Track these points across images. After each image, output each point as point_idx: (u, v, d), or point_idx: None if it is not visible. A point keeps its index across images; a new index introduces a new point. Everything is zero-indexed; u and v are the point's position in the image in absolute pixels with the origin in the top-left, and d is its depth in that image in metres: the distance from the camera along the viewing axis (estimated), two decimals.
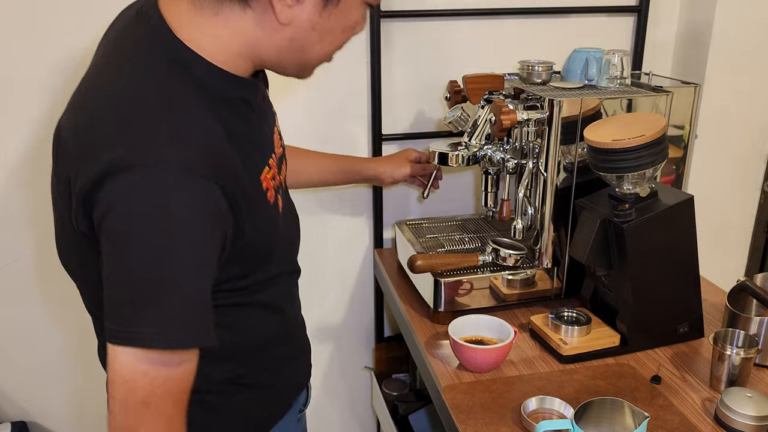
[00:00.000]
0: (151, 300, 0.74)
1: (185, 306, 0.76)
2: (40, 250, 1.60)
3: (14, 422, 1.69)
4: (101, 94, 0.79)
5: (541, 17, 1.65)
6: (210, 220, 0.76)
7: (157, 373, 0.76)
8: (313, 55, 0.89)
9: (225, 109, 0.82)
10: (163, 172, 0.72)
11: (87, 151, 0.75)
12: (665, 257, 1.21)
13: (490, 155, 1.37)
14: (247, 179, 0.83)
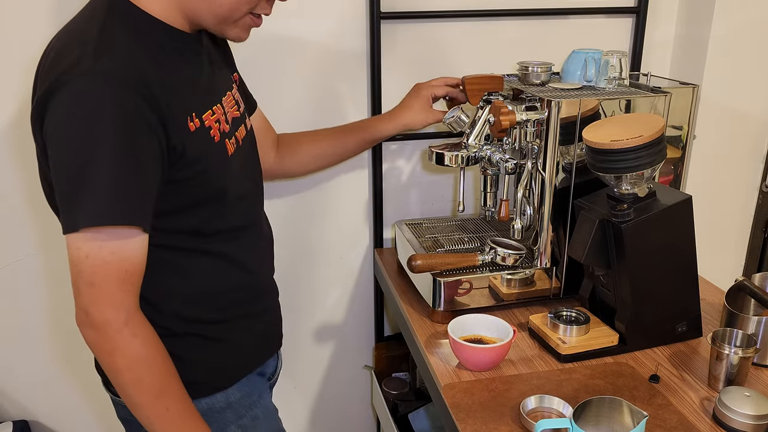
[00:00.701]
0: (83, 186, 0.85)
1: (112, 187, 0.86)
2: (40, 250, 1.60)
3: (16, 421, 1.70)
4: (54, 39, 0.95)
5: (540, 18, 1.66)
6: (133, 119, 0.87)
7: (96, 255, 0.88)
8: (223, 3, 0.97)
9: (153, 47, 0.95)
10: (89, 79, 0.85)
11: (38, 84, 0.92)
12: (664, 257, 1.21)
13: (489, 156, 1.37)
14: (174, 103, 0.93)
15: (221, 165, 1.04)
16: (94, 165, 0.85)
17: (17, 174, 1.53)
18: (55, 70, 0.87)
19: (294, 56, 1.56)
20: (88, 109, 0.85)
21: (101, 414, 1.80)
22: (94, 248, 0.88)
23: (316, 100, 1.61)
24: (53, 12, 1.42)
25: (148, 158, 0.89)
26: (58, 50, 0.90)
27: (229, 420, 1.13)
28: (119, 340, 0.91)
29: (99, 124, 0.85)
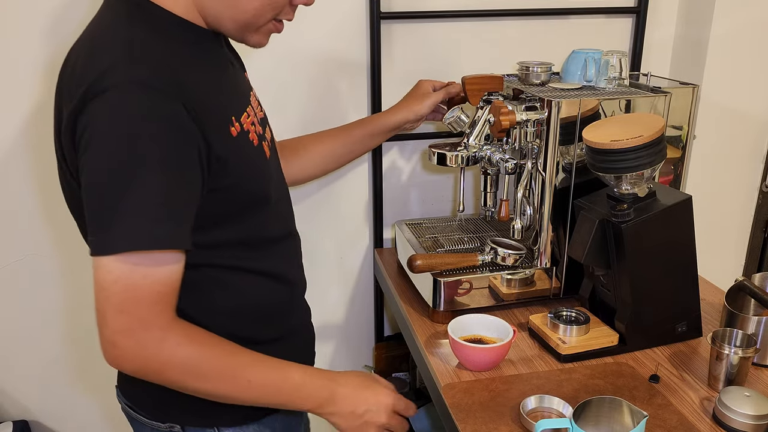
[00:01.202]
0: (120, 206, 0.79)
1: (152, 208, 0.80)
2: (41, 250, 1.60)
3: (16, 421, 1.70)
4: (78, 45, 0.90)
5: (540, 18, 1.66)
6: (176, 131, 0.82)
7: (127, 278, 0.81)
8: (244, 9, 0.93)
9: (181, 48, 0.90)
10: (126, 90, 0.80)
11: (67, 93, 0.85)
12: (664, 257, 1.21)
13: (489, 156, 1.37)
14: (214, 108, 0.89)
15: (262, 169, 1.00)
16: (132, 183, 0.79)
17: (17, 173, 1.53)
18: (85, 80, 0.82)
19: (294, 56, 1.56)
20: (127, 121, 0.80)
21: (101, 414, 1.80)
22: (126, 271, 0.81)
23: (316, 101, 1.61)
24: (64, 12, 1.43)
25: (190, 170, 0.84)
26: (86, 59, 0.85)
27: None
28: (163, 357, 0.85)
29: (139, 139, 0.80)
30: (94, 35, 0.89)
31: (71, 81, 0.86)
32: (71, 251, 1.62)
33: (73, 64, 0.88)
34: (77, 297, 1.67)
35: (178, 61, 0.87)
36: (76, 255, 1.63)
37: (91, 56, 0.85)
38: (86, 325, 1.70)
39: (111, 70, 0.81)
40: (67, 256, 1.62)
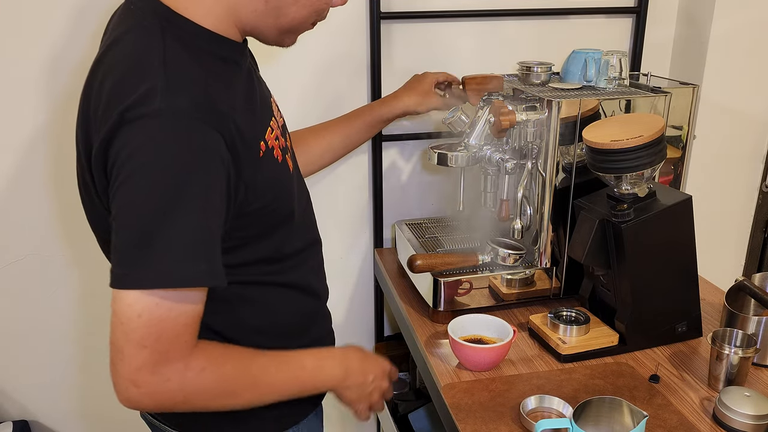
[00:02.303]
0: (151, 240, 0.76)
1: (183, 244, 0.77)
2: (41, 250, 1.60)
3: (16, 421, 1.69)
4: (107, 64, 0.85)
5: (540, 18, 1.66)
6: (210, 163, 0.80)
7: (151, 313, 0.77)
8: (290, 18, 0.92)
9: (214, 66, 0.87)
10: (164, 118, 0.77)
11: (100, 117, 0.81)
12: (664, 257, 1.21)
13: (489, 155, 1.37)
14: (246, 131, 0.86)
15: (288, 187, 0.98)
16: (166, 218, 0.76)
17: (17, 173, 1.53)
18: (119, 103, 0.78)
19: (294, 56, 1.56)
20: (163, 153, 0.77)
21: (101, 414, 1.80)
22: (150, 305, 0.77)
23: (316, 100, 1.61)
24: (78, 14, 1.43)
25: (221, 203, 0.82)
26: (119, 77, 0.81)
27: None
28: (188, 387, 0.82)
29: (174, 170, 0.77)
30: (125, 52, 0.84)
31: (101, 99, 0.82)
32: (71, 251, 1.62)
33: (102, 79, 0.84)
34: (77, 297, 1.67)
35: (212, 83, 0.84)
36: (76, 255, 1.63)
37: (124, 76, 0.81)
38: (86, 324, 1.70)
39: (147, 96, 0.78)
40: (67, 256, 1.62)
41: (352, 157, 1.67)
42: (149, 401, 0.81)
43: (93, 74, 0.87)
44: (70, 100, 1.49)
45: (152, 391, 0.80)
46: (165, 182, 0.77)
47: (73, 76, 1.48)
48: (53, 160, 1.53)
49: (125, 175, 0.77)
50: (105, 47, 0.88)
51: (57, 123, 1.50)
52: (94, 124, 0.83)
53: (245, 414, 0.93)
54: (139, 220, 0.77)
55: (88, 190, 0.90)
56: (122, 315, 0.77)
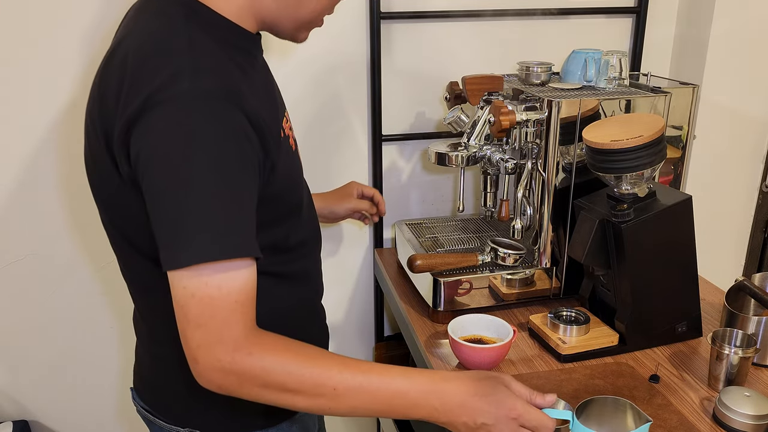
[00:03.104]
0: (186, 219, 0.77)
1: (219, 217, 0.79)
2: (42, 250, 1.60)
3: (16, 421, 1.70)
4: (129, 47, 0.85)
5: (540, 18, 1.66)
6: (240, 141, 0.81)
7: (202, 292, 0.78)
8: (310, 9, 0.94)
9: (236, 54, 0.89)
10: (191, 100, 0.78)
11: (123, 98, 0.81)
12: (664, 257, 1.21)
13: (489, 156, 1.37)
14: (268, 116, 0.88)
15: (299, 176, 1.02)
16: (200, 196, 0.78)
17: (17, 173, 1.53)
18: (145, 85, 0.79)
19: (294, 56, 1.56)
20: (194, 130, 0.78)
21: (101, 414, 1.80)
22: (200, 285, 0.78)
23: (316, 100, 1.61)
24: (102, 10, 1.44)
25: (253, 180, 0.84)
26: (143, 59, 0.82)
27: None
28: (237, 368, 0.80)
29: (206, 148, 0.78)
30: (150, 35, 0.84)
31: (124, 82, 0.82)
32: (71, 251, 1.62)
33: (123, 61, 0.84)
34: (77, 297, 1.67)
35: (235, 69, 0.86)
36: (76, 255, 1.63)
37: (149, 57, 0.81)
38: (86, 324, 1.70)
39: (176, 79, 0.79)
40: (67, 256, 1.62)
41: (352, 157, 1.67)
42: (209, 380, 0.82)
43: (112, 56, 0.87)
44: (72, 102, 1.49)
45: (209, 368, 0.80)
46: (195, 162, 0.78)
47: (74, 78, 1.48)
48: (53, 160, 1.53)
49: (158, 160, 0.78)
50: (125, 32, 0.89)
51: (59, 125, 1.50)
52: (115, 106, 0.83)
53: (237, 407, 0.93)
54: (176, 202, 0.78)
55: (102, 171, 0.90)
56: (179, 298, 0.79)
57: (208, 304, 0.79)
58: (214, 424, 1.04)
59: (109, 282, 1.66)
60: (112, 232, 0.98)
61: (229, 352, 0.80)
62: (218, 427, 1.04)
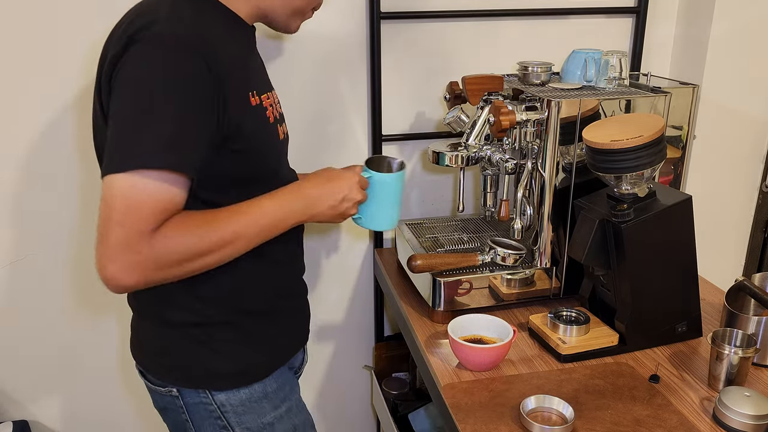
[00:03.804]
0: (137, 130, 0.88)
1: (161, 136, 0.88)
2: (42, 250, 1.60)
3: (16, 421, 1.69)
4: (126, 16, 0.99)
5: (540, 18, 1.66)
6: (199, 81, 0.90)
7: (131, 196, 0.87)
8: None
9: (219, 29, 0.99)
10: (162, 39, 0.90)
11: (114, 44, 0.95)
12: (664, 257, 1.21)
13: (489, 156, 1.37)
14: (236, 75, 0.97)
15: (274, 146, 1.08)
16: (152, 113, 0.88)
17: (18, 174, 1.53)
18: (128, 32, 0.92)
19: (294, 56, 1.56)
20: (159, 62, 0.89)
21: (101, 414, 1.80)
22: (128, 186, 0.87)
23: (316, 100, 1.61)
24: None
25: (205, 114, 0.92)
26: (131, 20, 0.95)
27: (266, 410, 1.15)
28: (155, 254, 0.89)
29: (165, 78, 0.88)
30: (142, 7, 0.98)
31: (116, 37, 0.95)
32: (71, 251, 1.62)
33: (118, 27, 0.98)
34: (77, 296, 1.67)
35: (214, 33, 0.96)
36: (77, 255, 1.63)
37: (135, 18, 0.94)
38: (86, 324, 1.70)
39: (152, 24, 0.91)
40: (67, 255, 1.62)
41: (352, 157, 1.67)
42: (127, 276, 0.88)
43: (116, 27, 1.00)
44: (72, 100, 1.49)
45: (126, 264, 0.88)
46: (153, 88, 0.88)
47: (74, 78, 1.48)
48: (53, 160, 1.53)
49: (120, 84, 0.90)
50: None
51: (59, 124, 1.50)
52: (111, 52, 0.94)
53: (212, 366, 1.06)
54: (126, 118, 0.89)
55: (99, 124, 0.99)
56: (107, 199, 0.87)
57: (134, 207, 0.87)
58: (190, 383, 1.10)
59: None
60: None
61: (146, 243, 0.88)
62: (194, 385, 1.10)
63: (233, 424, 1.12)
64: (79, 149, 1.54)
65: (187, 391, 1.10)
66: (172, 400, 1.11)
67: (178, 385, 1.10)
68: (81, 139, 1.53)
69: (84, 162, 1.55)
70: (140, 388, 1.80)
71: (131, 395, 1.80)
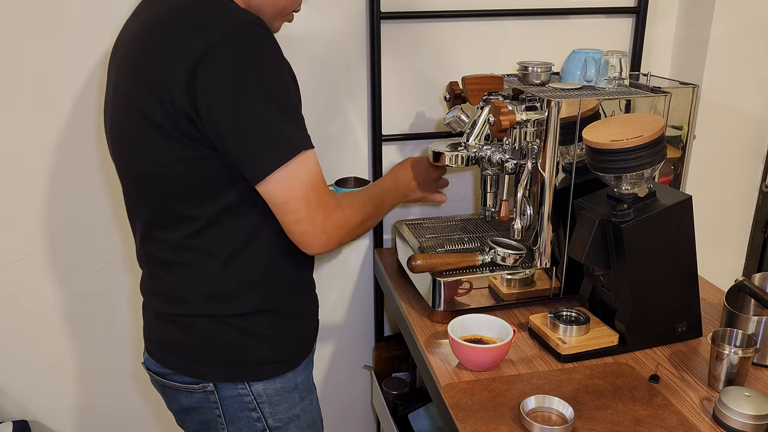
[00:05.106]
0: (284, 124, 0.97)
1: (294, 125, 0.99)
2: (41, 250, 1.60)
3: (16, 421, 1.70)
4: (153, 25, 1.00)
5: (540, 18, 1.66)
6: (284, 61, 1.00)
7: (310, 180, 0.99)
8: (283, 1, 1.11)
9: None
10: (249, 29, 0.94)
11: (171, 53, 0.94)
12: (663, 257, 1.21)
13: (489, 156, 1.37)
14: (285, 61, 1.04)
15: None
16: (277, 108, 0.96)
17: (18, 174, 1.53)
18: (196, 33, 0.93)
19: (294, 56, 1.55)
20: (264, 50, 0.95)
21: (101, 413, 1.80)
22: (308, 173, 0.99)
23: (316, 100, 1.61)
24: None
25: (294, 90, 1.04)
26: (178, 30, 0.95)
27: (295, 401, 1.17)
28: (348, 223, 1.07)
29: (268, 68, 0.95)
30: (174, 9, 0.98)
31: (178, 40, 0.94)
32: (71, 251, 1.62)
33: (160, 35, 0.97)
34: (77, 297, 1.67)
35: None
36: (77, 255, 1.63)
37: (179, 29, 0.95)
38: (86, 324, 1.70)
39: (227, 17, 0.94)
40: (67, 256, 1.62)
41: (351, 157, 1.67)
42: (335, 241, 1.05)
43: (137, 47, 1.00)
44: (72, 102, 1.49)
45: (334, 232, 1.04)
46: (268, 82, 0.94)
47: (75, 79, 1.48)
48: (53, 160, 1.53)
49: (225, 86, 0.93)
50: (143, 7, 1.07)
51: (59, 125, 1.50)
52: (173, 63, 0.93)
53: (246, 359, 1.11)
54: (257, 117, 0.95)
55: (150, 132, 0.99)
56: (294, 192, 0.98)
57: (316, 188, 1.00)
58: (227, 376, 1.11)
59: (109, 282, 1.66)
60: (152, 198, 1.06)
61: (340, 213, 1.05)
62: (231, 378, 1.11)
63: (267, 415, 1.14)
64: (82, 149, 1.54)
65: (223, 384, 1.11)
66: (205, 396, 1.12)
67: (216, 380, 1.11)
68: (85, 141, 1.53)
69: (85, 162, 1.55)
70: (141, 388, 1.80)
71: (132, 395, 1.80)
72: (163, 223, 1.06)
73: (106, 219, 1.59)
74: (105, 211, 1.59)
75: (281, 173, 0.96)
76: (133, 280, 1.67)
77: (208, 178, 1.01)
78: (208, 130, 0.95)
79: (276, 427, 1.15)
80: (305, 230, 1.01)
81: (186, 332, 1.10)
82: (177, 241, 1.06)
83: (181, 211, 1.03)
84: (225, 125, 0.94)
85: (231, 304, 1.08)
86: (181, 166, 0.99)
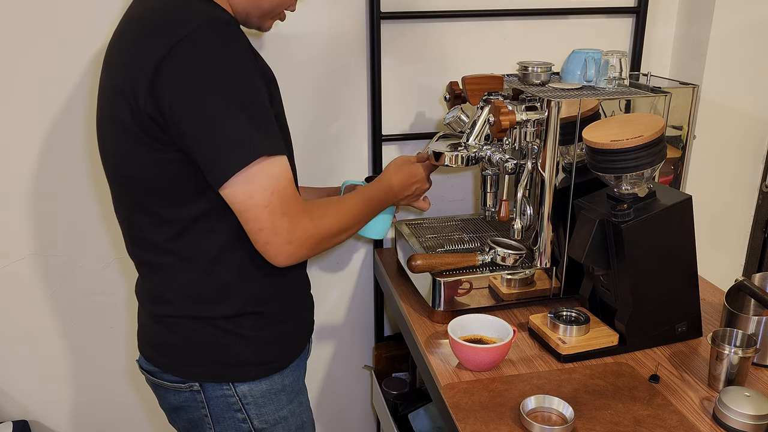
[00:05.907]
0: (247, 126, 0.92)
1: (262, 126, 0.94)
2: (42, 250, 1.60)
3: (16, 421, 1.70)
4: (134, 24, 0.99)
5: (540, 18, 1.66)
6: (251, 59, 0.96)
7: (275, 188, 0.95)
8: (269, 2, 1.09)
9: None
10: (215, 24, 0.92)
11: (143, 50, 0.93)
12: (663, 257, 1.21)
13: (489, 156, 1.37)
14: (260, 61, 1.03)
15: (286, 130, 1.11)
16: (242, 109, 0.92)
17: (18, 174, 1.53)
18: (166, 30, 0.91)
19: (294, 56, 1.56)
20: (229, 49, 0.92)
21: (101, 413, 1.80)
22: (272, 181, 0.94)
23: (316, 101, 1.61)
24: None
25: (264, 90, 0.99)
26: (160, 17, 0.94)
27: (283, 403, 1.16)
28: (319, 232, 1.03)
29: (233, 68, 0.92)
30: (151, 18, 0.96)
31: (146, 41, 0.93)
32: (71, 251, 1.62)
33: (128, 40, 0.97)
34: (77, 297, 1.67)
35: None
36: (77, 255, 1.63)
37: (162, 15, 0.94)
38: (86, 324, 1.70)
39: (193, 16, 0.92)
40: (67, 256, 1.62)
41: (352, 157, 1.67)
42: (303, 251, 1.01)
43: (119, 42, 1.00)
44: (72, 103, 1.49)
45: (302, 241, 1.00)
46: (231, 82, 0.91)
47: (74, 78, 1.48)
48: (53, 161, 1.53)
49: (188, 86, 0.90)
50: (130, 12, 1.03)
51: (58, 125, 1.50)
52: (143, 59, 0.92)
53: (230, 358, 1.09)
54: (217, 119, 0.91)
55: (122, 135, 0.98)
56: (257, 201, 0.94)
57: (284, 195, 0.96)
58: (212, 377, 1.10)
59: (109, 282, 1.66)
60: (133, 200, 1.05)
61: (308, 223, 1.00)
62: (217, 378, 1.11)
63: (252, 417, 1.13)
64: (81, 150, 1.54)
65: (209, 384, 1.11)
66: (191, 396, 1.12)
67: (201, 379, 1.11)
68: (83, 141, 1.53)
69: (84, 162, 1.55)
70: (140, 388, 1.80)
71: (132, 395, 1.80)
72: (144, 225, 1.05)
73: (106, 219, 1.60)
74: (105, 211, 1.59)
75: (239, 179, 0.92)
76: (133, 280, 1.67)
77: (180, 182, 0.98)
78: (172, 131, 0.93)
79: (262, 428, 1.14)
80: (268, 240, 0.97)
81: (172, 332, 1.10)
82: (159, 243, 1.05)
83: (160, 213, 1.02)
84: (186, 126, 0.92)
85: (215, 306, 1.07)
86: (153, 169, 0.98)
